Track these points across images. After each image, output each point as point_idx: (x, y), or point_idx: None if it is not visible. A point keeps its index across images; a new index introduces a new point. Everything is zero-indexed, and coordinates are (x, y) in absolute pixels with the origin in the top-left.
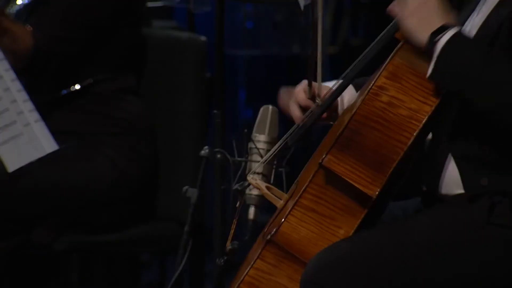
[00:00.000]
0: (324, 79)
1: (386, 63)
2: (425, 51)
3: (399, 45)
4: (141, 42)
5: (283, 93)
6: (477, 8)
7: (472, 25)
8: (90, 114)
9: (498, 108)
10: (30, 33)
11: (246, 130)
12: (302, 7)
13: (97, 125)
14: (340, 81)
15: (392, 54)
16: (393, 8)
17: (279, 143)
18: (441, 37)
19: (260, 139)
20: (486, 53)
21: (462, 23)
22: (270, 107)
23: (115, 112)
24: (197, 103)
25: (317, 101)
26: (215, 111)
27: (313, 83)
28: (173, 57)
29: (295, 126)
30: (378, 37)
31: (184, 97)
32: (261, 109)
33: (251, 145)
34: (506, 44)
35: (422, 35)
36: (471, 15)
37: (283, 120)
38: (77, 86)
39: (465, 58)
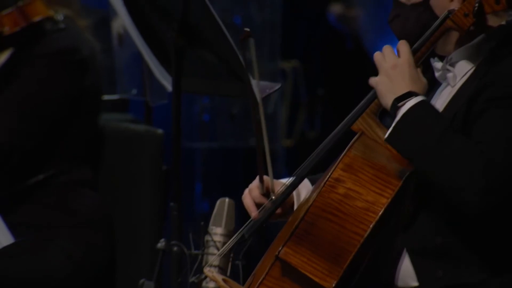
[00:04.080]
0: (279, 172)
1: (342, 155)
2: (391, 115)
3: (355, 137)
4: (98, 135)
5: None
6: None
7: None
8: (46, 207)
9: (447, 181)
10: None
11: (202, 223)
12: (259, 100)
13: (53, 218)
14: (294, 177)
15: (348, 146)
16: (376, 57)
17: (235, 235)
18: (404, 104)
19: (216, 231)
20: (446, 127)
21: None
22: (227, 199)
23: (71, 204)
24: (153, 196)
25: (271, 196)
26: (171, 204)
27: (265, 177)
28: (130, 150)
29: (251, 218)
30: (335, 130)
31: (141, 189)
32: (218, 201)
33: (207, 237)
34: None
35: (388, 98)
36: None
37: (240, 213)
38: (34, 180)
39: (423, 129)
